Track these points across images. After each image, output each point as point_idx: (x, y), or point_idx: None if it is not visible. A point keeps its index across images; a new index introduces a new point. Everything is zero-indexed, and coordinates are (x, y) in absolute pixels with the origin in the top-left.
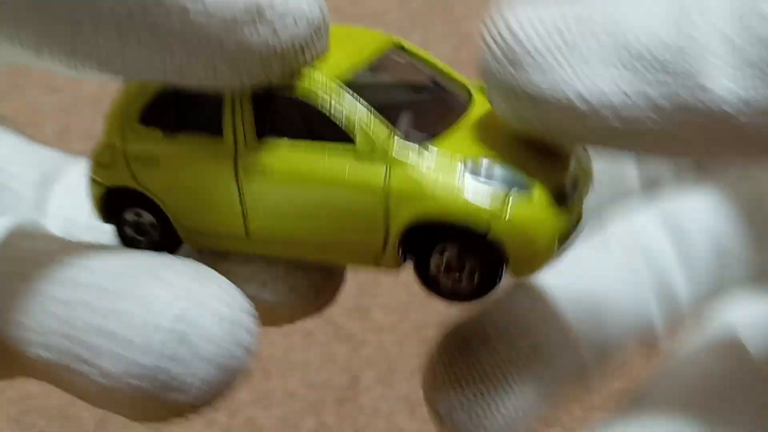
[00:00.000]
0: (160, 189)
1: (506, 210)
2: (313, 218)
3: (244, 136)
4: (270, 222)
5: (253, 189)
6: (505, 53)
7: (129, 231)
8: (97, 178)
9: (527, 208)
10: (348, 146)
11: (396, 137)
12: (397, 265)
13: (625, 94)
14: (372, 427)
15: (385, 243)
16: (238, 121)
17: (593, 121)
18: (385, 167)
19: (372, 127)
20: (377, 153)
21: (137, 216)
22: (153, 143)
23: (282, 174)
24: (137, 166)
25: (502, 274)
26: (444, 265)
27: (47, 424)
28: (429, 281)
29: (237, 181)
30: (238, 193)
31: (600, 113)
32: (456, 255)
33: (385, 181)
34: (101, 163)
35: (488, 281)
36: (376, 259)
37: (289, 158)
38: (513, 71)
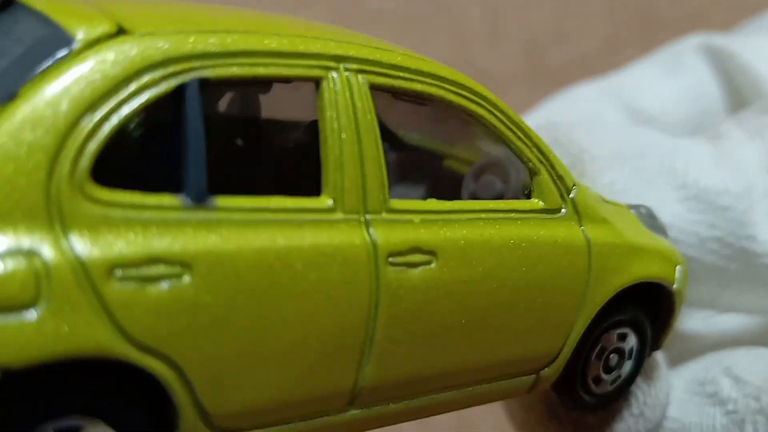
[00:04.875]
0: (188, 344)
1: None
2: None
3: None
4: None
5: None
6: None
7: None
8: None
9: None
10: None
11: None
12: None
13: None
14: None
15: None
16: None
17: None
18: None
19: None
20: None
21: None
22: (162, 231)
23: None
24: (125, 293)
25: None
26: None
27: None
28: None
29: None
30: (372, 318)
31: None
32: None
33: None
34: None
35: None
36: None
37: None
38: None
